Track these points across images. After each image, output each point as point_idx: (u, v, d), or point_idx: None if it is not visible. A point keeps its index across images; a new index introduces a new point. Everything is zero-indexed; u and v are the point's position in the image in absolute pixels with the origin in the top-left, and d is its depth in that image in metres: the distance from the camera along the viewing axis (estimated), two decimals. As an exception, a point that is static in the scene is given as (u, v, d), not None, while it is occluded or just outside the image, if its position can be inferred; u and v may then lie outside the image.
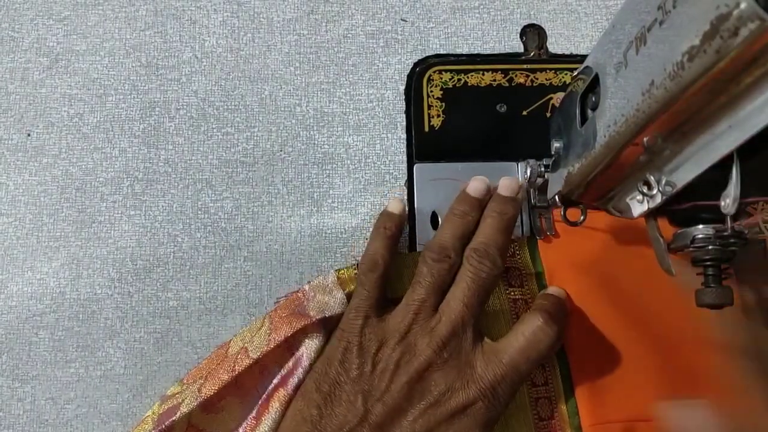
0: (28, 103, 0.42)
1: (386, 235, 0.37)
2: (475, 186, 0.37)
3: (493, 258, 0.34)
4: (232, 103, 0.42)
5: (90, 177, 0.41)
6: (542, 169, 0.36)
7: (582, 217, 0.35)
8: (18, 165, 0.41)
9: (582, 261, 0.37)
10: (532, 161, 0.36)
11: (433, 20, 0.44)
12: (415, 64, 0.43)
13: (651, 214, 0.27)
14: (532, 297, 0.38)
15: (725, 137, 0.21)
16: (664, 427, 0.34)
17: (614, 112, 0.24)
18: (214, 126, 0.42)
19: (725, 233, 0.25)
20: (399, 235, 0.38)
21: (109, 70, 0.43)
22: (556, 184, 0.34)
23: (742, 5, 0.16)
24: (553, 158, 0.34)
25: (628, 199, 0.28)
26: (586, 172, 0.28)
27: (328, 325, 0.36)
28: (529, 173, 0.36)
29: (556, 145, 0.33)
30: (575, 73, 0.30)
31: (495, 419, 0.33)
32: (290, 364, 0.35)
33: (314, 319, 0.35)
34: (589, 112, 0.28)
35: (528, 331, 0.33)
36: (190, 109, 0.42)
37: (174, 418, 0.33)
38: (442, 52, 0.43)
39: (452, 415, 0.32)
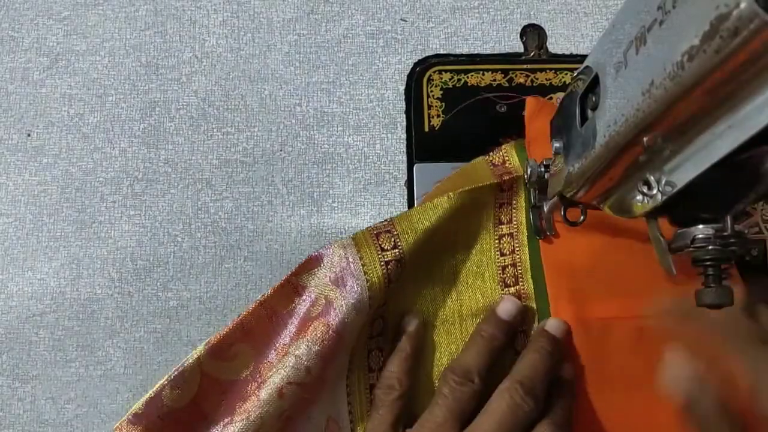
0: (28, 103, 0.42)
1: (402, 357, 0.35)
2: (506, 308, 0.36)
3: (537, 397, 0.32)
4: (232, 103, 0.42)
5: (90, 177, 0.41)
6: (542, 169, 0.36)
7: (582, 217, 0.35)
8: (18, 165, 0.41)
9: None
10: (532, 161, 0.36)
11: (433, 20, 0.44)
12: (415, 64, 0.43)
13: (651, 214, 0.27)
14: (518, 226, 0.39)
15: (725, 137, 0.21)
16: None
17: (614, 112, 0.24)
18: (214, 126, 0.42)
19: (725, 233, 0.25)
20: (416, 356, 0.36)
21: (109, 70, 0.43)
22: (556, 184, 0.34)
23: (742, 5, 0.16)
24: (553, 158, 0.34)
25: (628, 199, 0.28)
26: (586, 171, 0.28)
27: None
28: (529, 173, 0.36)
29: (556, 145, 0.33)
30: (575, 73, 0.30)
31: None
32: (300, 308, 0.35)
33: (317, 253, 0.35)
34: (589, 112, 0.28)
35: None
36: (190, 109, 0.42)
37: (184, 365, 0.33)
38: (442, 52, 0.43)
39: None
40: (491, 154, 0.40)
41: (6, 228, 0.41)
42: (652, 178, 0.25)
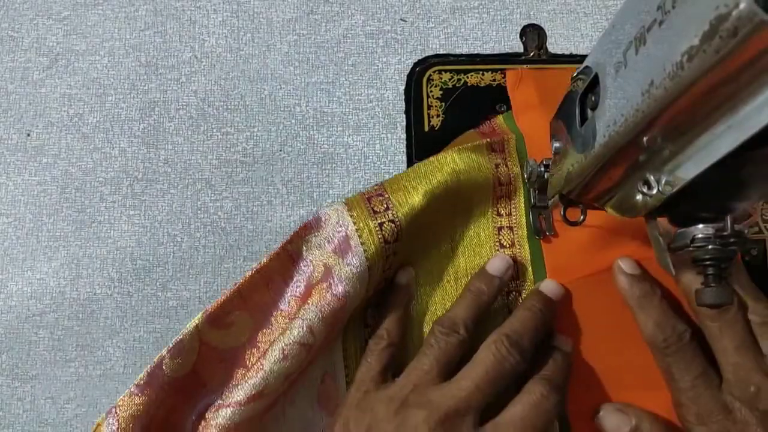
0: (28, 103, 0.42)
1: (392, 309, 0.36)
2: (496, 264, 0.37)
3: (523, 351, 0.33)
4: (232, 103, 0.42)
5: (90, 177, 0.41)
6: (542, 169, 0.36)
7: (582, 217, 0.35)
8: (18, 165, 0.41)
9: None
10: (532, 161, 0.36)
11: (433, 20, 0.44)
12: (415, 64, 0.43)
13: (651, 214, 0.27)
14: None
15: (725, 137, 0.21)
16: None
17: (614, 112, 0.24)
18: (213, 126, 0.42)
19: (725, 233, 0.25)
20: (406, 308, 0.37)
21: (108, 70, 0.43)
22: (556, 183, 0.34)
23: (742, 5, 0.16)
24: (553, 158, 0.34)
25: (627, 199, 0.28)
26: (586, 171, 0.28)
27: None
28: (529, 173, 0.36)
29: (556, 145, 0.33)
30: (575, 73, 0.30)
31: None
32: (297, 276, 0.35)
33: (310, 220, 0.35)
34: (589, 112, 0.28)
35: (531, 401, 0.32)
36: (189, 109, 0.42)
37: (183, 334, 0.33)
38: (441, 52, 0.43)
39: None
40: (480, 127, 0.41)
41: (6, 228, 0.41)
42: (652, 177, 0.25)
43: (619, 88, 0.24)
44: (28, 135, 0.42)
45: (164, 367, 0.33)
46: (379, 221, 0.35)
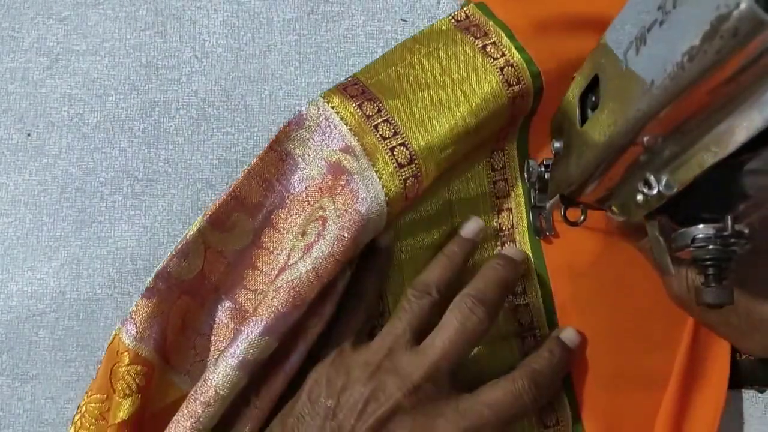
0: (28, 103, 0.42)
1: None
2: (470, 228, 0.37)
3: (489, 308, 0.33)
4: (232, 103, 0.42)
5: (90, 177, 0.41)
6: (542, 169, 0.36)
7: (582, 217, 0.35)
8: (18, 165, 0.41)
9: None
10: (532, 161, 0.36)
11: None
12: (415, 64, 0.43)
13: (651, 214, 0.27)
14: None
15: (725, 137, 0.21)
16: None
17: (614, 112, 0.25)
18: (214, 126, 0.42)
19: (726, 233, 0.25)
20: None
21: (109, 70, 0.43)
22: (556, 184, 0.34)
23: (742, 6, 0.16)
24: (553, 158, 0.34)
25: (628, 199, 0.28)
26: (587, 172, 0.28)
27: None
28: (529, 173, 0.36)
29: (556, 145, 0.33)
30: (575, 73, 0.30)
31: None
32: (293, 175, 0.37)
33: (292, 118, 0.36)
34: (589, 112, 0.28)
35: (510, 391, 0.32)
36: (190, 109, 0.42)
37: (187, 238, 0.34)
38: (442, 52, 0.43)
39: None
40: (453, 14, 0.40)
41: (6, 228, 0.41)
42: (652, 177, 0.25)
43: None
44: (29, 135, 0.42)
45: (170, 270, 0.34)
46: (358, 102, 0.36)
